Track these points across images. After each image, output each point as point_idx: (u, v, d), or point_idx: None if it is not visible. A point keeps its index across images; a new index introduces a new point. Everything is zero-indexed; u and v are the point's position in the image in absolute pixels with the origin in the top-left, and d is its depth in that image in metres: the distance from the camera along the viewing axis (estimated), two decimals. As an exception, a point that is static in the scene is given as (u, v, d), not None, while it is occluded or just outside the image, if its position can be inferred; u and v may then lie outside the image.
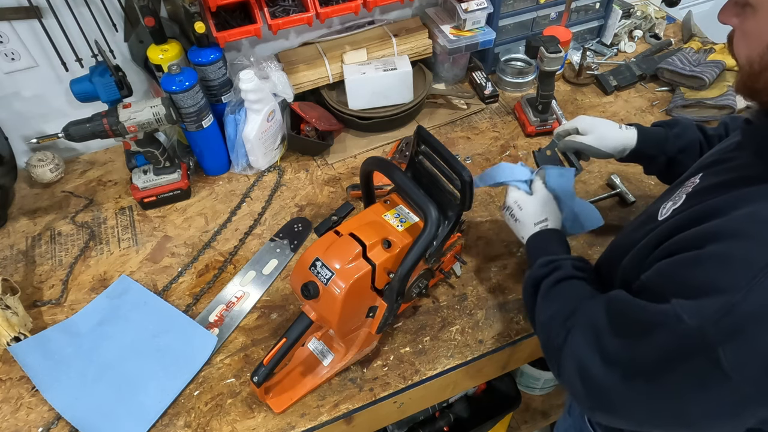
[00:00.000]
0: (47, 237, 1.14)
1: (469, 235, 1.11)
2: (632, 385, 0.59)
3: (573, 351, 0.67)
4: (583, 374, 0.64)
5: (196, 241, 1.13)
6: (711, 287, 0.52)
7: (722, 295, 0.51)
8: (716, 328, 0.50)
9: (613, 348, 0.61)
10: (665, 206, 0.69)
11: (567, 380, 0.68)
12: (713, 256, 0.54)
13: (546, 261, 0.80)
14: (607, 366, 0.61)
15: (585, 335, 0.66)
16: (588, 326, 0.66)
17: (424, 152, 0.87)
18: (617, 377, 0.60)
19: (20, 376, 0.92)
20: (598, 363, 0.62)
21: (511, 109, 1.40)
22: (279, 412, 0.86)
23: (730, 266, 0.52)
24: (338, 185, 1.23)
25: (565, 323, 0.70)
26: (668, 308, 0.54)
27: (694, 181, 0.68)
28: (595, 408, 0.66)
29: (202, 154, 1.22)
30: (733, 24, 0.60)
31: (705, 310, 0.51)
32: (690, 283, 0.55)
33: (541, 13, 1.42)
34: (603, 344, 0.62)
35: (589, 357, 0.64)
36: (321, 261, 0.79)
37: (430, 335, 0.96)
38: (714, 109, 1.32)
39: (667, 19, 1.64)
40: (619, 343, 0.60)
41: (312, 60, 1.31)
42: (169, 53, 1.11)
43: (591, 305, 0.69)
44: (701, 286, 0.53)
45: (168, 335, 0.96)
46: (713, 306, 0.51)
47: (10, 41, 1.10)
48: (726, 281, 0.51)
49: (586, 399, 0.65)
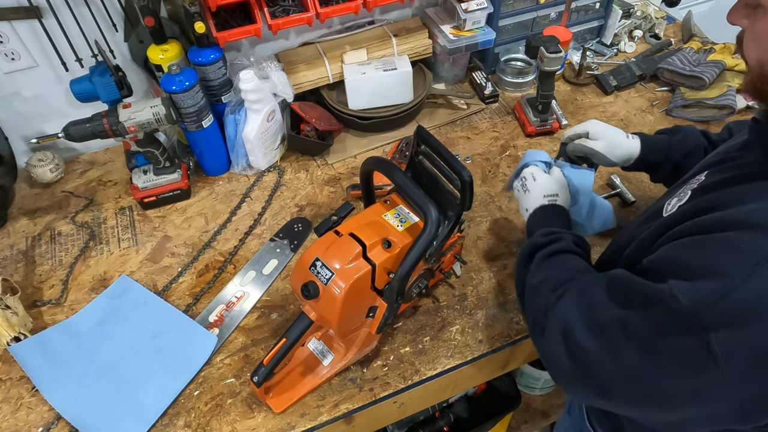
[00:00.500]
0: (47, 237, 1.14)
1: (469, 235, 1.11)
2: (617, 354, 0.58)
3: (561, 312, 0.66)
4: (568, 335, 0.64)
5: (196, 241, 1.13)
6: (710, 270, 0.52)
7: (720, 279, 0.51)
8: (710, 312, 0.50)
9: (605, 315, 0.61)
10: (670, 202, 0.69)
11: (549, 342, 0.67)
12: (718, 241, 0.53)
13: (547, 231, 0.80)
14: (595, 332, 0.61)
15: (578, 300, 0.66)
16: (583, 294, 0.66)
17: (424, 152, 0.87)
18: (603, 344, 0.60)
19: (20, 376, 0.92)
20: (585, 327, 0.62)
21: (511, 109, 1.40)
22: (279, 412, 0.86)
23: (733, 252, 0.52)
24: (338, 185, 1.23)
25: (557, 289, 0.70)
26: (664, 287, 0.54)
27: (699, 179, 0.68)
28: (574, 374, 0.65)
29: (202, 154, 1.22)
30: (743, 25, 0.60)
31: (700, 292, 0.51)
32: (690, 265, 0.55)
33: (541, 13, 1.42)
34: (595, 311, 0.62)
35: (577, 319, 0.63)
36: (321, 261, 0.79)
37: (430, 335, 0.96)
38: (714, 109, 1.32)
39: (667, 19, 1.64)
40: (612, 311, 0.60)
41: (312, 60, 1.31)
42: (169, 53, 1.11)
43: (590, 279, 0.69)
44: (701, 268, 0.53)
45: (168, 335, 0.96)
46: (710, 288, 0.51)
47: (10, 41, 1.10)
48: (727, 266, 0.51)
49: (566, 363, 0.64)
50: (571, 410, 1.05)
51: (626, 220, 1.12)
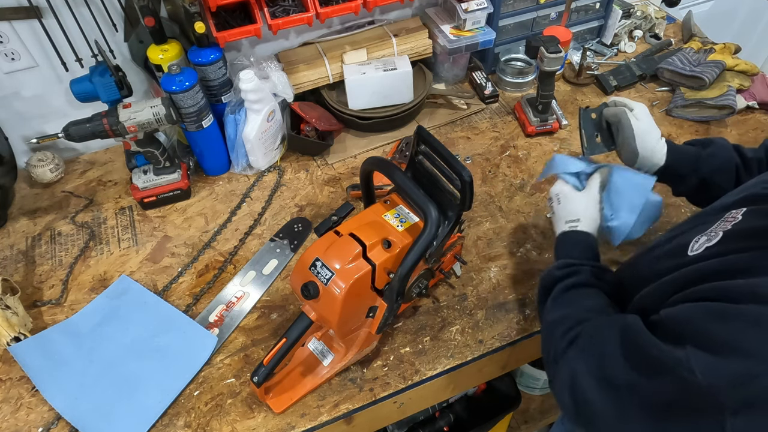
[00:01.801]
0: (47, 237, 1.14)
1: (469, 235, 1.11)
2: (625, 415, 0.57)
3: (571, 362, 0.65)
4: (575, 389, 0.62)
5: (196, 241, 1.13)
6: (735, 347, 0.49)
7: (745, 360, 0.48)
8: (731, 394, 0.48)
9: (615, 374, 0.58)
10: (698, 240, 0.64)
11: (557, 388, 0.66)
12: (746, 315, 0.50)
13: (565, 263, 0.78)
14: (603, 388, 0.59)
15: (588, 351, 0.64)
16: (594, 344, 0.64)
17: (424, 152, 0.87)
18: (611, 403, 0.58)
19: (20, 376, 0.92)
20: (593, 380, 0.60)
21: (511, 109, 1.40)
22: (279, 412, 0.86)
23: (762, 331, 0.48)
24: (338, 185, 1.23)
25: (569, 332, 0.68)
26: (682, 355, 0.51)
27: (736, 217, 0.62)
28: (580, 423, 0.64)
29: (202, 154, 1.22)
30: None
31: (722, 371, 0.49)
32: (713, 336, 0.51)
33: (541, 13, 1.42)
34: (607, 366, 0.60)
35: (585, 372, 0.62)
36: (321, 261, 0.79)
37: (430, 335, 0.96)
38: (714, 109, 1.32)
39: (667, 19, 1.64)
40: (624, 371, 0.58)
41: (312, 60, 1.31)
42: (169, 53, 1.11)
43: (603, 323, 0.66)
44: (725, 342, 0.50)
45: (168, 335, 0.96)
46: (733, 369, 0.48)
47: (10, 41, 1.10)
48: (753, 346, 0.48)
49: (572, 412, 0.64)
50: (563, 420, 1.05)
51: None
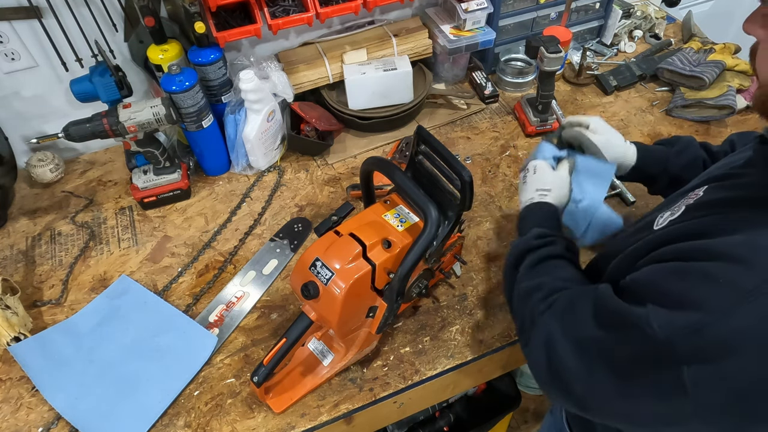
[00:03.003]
0: (47, 237, 1.14)
1: (469, 235, 1.11)
2: (595, 372, 0.59)
3: (547, 323, 0.67)
4: (550, 348, 0.64)
5: (196, 241, 1.13)
6: (688, 301, 0.51)
7: (697, 312, 0.50)
8: (683, 345, 0.50)
9: (585, 334, 0.61)
10: (663, 215, 0.68)
11: (533, 348, 0.68)
12: (700, 272, 0.53)
13: (541, 233, 0.79)
14: (576, 349, 0.61)
15: (564, 314, 0.66)
16: (569, 308, 0.66)
17: (424, 152, 0.87)
18: (582, 362, 0.60)
19: (20, 376, 0.92)
20: (567, 342, 0.63)
21: (511, 109, 1.40)
22: (279, 412, 0.86)
23: (713, 285, 0.51)
24: (338, 185, 1.23)
25: (547, 298, 0.70)
26: (642, 312, 0.54)
27: (697, 194, 0.66)
28: (552, 385, 0.65)
29: (202, 154, 1.22)
30: (759, 36, 0.57)
31: (675, 323, 0.51)
32: (670, 292, 0.54)
33: (541, 13, 1.42)
34: (578, 328, 0.62)
35: (560, 334, 0.64)
36: (321, 261, 0.79)
37: (430, 335, 0.96)
38: (714, 109, 1.32)
39: (667, 19, 1.64)
40: (592, 331, 0.60)
41: (312, 60, 1.31)
42: (169, 53, 1.11)
43: (578, 291, 0.68)
44: (679, 298, 0.52)
45: (168, 335, 0.96)
46: (685, 320, 0.50)
47: (10, 41, 1.10)
48: (704, 299, 0.50)
49: (546, 373, 0.65)
50: (554, 410, 1.07)
51: (626, 220, 1.12)
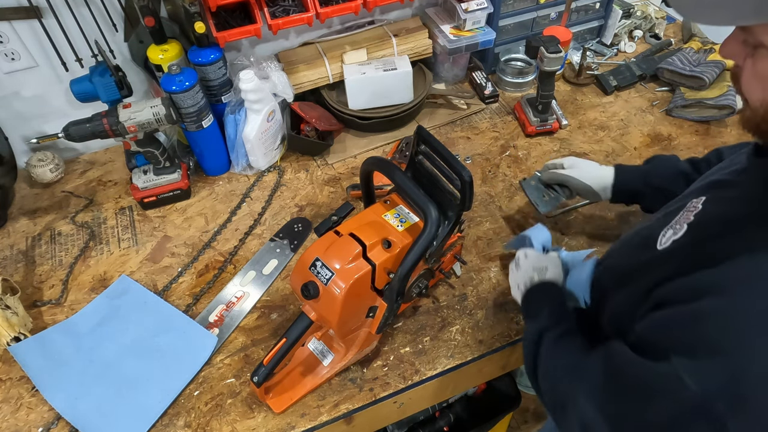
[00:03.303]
0: (47, 237, 1.14)
1: (469, 235, 1.11)
2: None
3: (580, 406, 0.64)
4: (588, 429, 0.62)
5: (196, 241, 1.13)
6: (714, 347, 0.50)
7: (727, 358, 0.49)
8: (724, 399, 0.49)
9: (615, 410, 0.59)
10: (665, 234, 0.66)
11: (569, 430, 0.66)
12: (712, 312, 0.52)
13: (551, 312, 0.78)
14: (611, 424, 0.59)
15: (590, 396, 0.63)
16: (591, 387, 0.64)
17: (424, 152, 0.87)
18: None
19: (20, 376, 0.92)
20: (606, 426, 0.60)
21: (511, 109, 1.40)
22: (279, 412, 0.86)
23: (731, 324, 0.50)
24: (338, 185, 1.23)
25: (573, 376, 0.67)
26: (669, 370, 0.52)
27: (696, 206, 0.65)
28: None
29: (202, 154, 1.22)
30: (739, 63, 0.58)
31: (710, 376, 0.50)
32: (690, 340, 0.53)
33: (541, 13, 1.42)
34: (609, 401, 0.60)
35: (595, 415, 0.61)
36: (321, 261, 0.79)
37: (430, 335, 0.96)
38: (714, 109, 1.32)
39: (667, 19, 1.64)
40: (621, 405, 0.58)
41: (312, 60, 1.31)
42: (169, 53, 1.11)
43: (592, 361, 0.66)
44: (703, 345, 0.51)
45: (168, 335, 0.96)
46: (718, 371, 0.49)
47: (10, 41, 1.10)
48: (729, 342, 0.50)
49: None
50: None
51: (626, 219, 1.12)
